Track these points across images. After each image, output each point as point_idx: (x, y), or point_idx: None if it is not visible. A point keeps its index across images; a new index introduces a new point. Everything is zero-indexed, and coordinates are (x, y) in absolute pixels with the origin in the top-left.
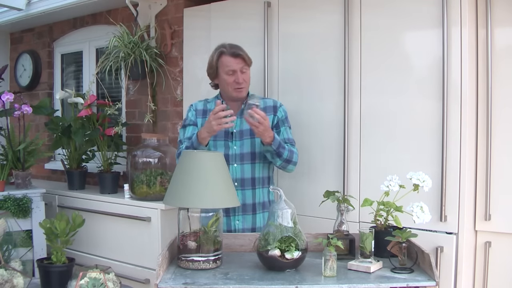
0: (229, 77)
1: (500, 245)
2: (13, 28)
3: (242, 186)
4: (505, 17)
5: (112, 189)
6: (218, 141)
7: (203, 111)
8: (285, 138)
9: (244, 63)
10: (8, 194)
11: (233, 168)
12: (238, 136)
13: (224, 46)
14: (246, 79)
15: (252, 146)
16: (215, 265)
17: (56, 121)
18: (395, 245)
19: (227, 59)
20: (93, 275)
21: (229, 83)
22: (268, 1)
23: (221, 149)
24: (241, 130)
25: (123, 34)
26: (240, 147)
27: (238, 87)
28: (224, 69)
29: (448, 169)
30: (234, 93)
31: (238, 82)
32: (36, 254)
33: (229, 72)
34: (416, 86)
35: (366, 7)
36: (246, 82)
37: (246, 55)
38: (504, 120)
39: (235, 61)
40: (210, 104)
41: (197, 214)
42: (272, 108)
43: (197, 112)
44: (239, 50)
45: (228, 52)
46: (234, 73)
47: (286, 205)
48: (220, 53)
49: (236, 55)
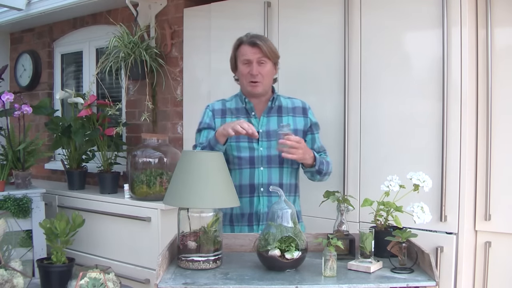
0: (244, 67)
1: (500, 245)
2: (13, 28)
3: (269, 192)
4: (505, 17)
5: (112, 189)
6: (242, 143)
7: (222, 111)
8: (319, 146)
9: (262, 54)
10: (8, 194)
11: (259, 172)
12: (265, 136)
13: (246, 35)
14: (263, 72)
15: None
16: (215, 265)
17: (56, 121)
18: (395, 245)
19: (244, 48)
20: (93, 275)
21: (243, 74)
22: (268, 1)
23: (245, 151)
24: (268, 131)
25: (123, 34)
26: (267, 149)
27: (252, 80)
28: (240, 58)
29: (448, 169)
30: (248, 88)
31: (252, 73)
32: (36, 254)
33: (245, 62)
34: (416, 86)
35: (366, 7)
36: (262, 76)
37: (267, 46)
38: (504, 120)
39: (251, 51)
40: (230, 103)
41: (197, 214)
42: (302, 110)
43: (215, 112)
44: (259, 40)
45: (247, 41)
46: (249, 64)
47: (286, 205)
48: (239, 42)
49: (254, 44)
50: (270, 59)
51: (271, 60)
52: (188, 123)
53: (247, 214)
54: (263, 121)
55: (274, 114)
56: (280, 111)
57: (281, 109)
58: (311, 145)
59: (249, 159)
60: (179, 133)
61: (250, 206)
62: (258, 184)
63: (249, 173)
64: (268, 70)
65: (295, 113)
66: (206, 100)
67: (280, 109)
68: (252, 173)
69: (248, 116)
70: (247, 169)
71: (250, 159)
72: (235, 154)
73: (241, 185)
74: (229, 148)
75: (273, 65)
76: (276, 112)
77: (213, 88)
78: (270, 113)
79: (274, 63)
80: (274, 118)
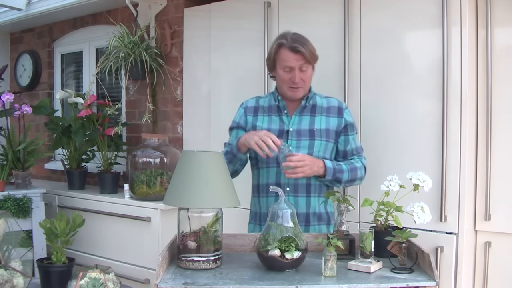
0: (285, 74)
1: (500, 245)
2: (13, 28)
3: (295, 192)
4: (505, 17)
5: (112, 189)
6: None
7: (255, 109)
8: (353, 148)
9: (305, 61)
10: (8, 194)
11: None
12: (295, 135)
13: (286, 37)
14: (305, 78)
15: (310, 148)
16: (215, 265)
17: (56, 121)
18: (395, 245)
19: (285, 53)
20: (93, 275)
21: (284, 80)
22: (268, 1)
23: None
24: (299, 130)
25: (123, 34)
26: (297, 149)
27: (294, 86)
28: (281, 64)
29: (448, 169)
30: (289, 93)
31: (294, 81)
32: (36, 254)
33: (286, 69)
34: (416, 86)
35: (366, 7)
36: (304, 82)
37: (309, 51)
38: (504, 120)
39: (294, 57)
40: (263, 101)
41: (197, 214)
42: (337, 110)
43: (247, 110)
44: (301, 46)
45: (288, 45)
46: (291, 71)
47: (286, 205)
48: (279, 45)
49: (296, 51)
50: (311, 63)
51: (311, 64)
52: (188, 123)
53: None
54: (294, 120)
55: (307, 113)
56: (313, 110)
57: (315, 109)
58: (344, 146)
59: (276, 158)
60: (179, 133)
61: None
62: (284, 183)
63: (276, 172)
64: (309, 75)
65: (329, 113)
66: (206, 100)
67: (314, 109)
68: (279, 172)
69: (279, 114)
70: (275, 167)
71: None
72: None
73: (268, 184)
74: None
75: (312, 67)
76: (309, 112)
77: (213, 88)
78: (303, 112)
79: (313, 65)
80: (306, 117)
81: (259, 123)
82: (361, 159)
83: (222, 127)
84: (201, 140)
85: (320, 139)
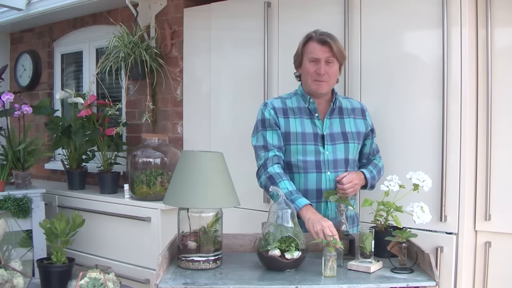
0: (311, 65)
1: (500, 245)
2: (13, 28)
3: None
4: (505, 17)
5: (112, 189)
6: (308, 146)
7: (283, 110)
8: (374, 148)
9: (331, 54)
10: (8, 194)
11: (326, 177)
12: (330, 139)
13: (315, 32)
14: (330, 73)
15: (346, 151)
16: (215, 265)
17: (56, 121)
18: (395, 245)
19: (313, 45)
20: (93, 275)
21: (310, 72)
22: (268, 1)
23: (311, 155)
24: (332, 133)
25: (123, 34)
26: (333, 153)
27: (319, 79)
28: (308, 55)
29: (448, 169)
30: (313, 86)
31: (319, 73)
32: (36, 254)
33: (312, 59)
34: (416, 86)
35: (366, 7)
36: (329, 76)
37: (337, 46)
38: (504, 120)
39: (321, 49)
40: (290, 102)
41: (197, 214)
42: (361, 112)
43: (277, 111)
44: (329, 38)
45: (316, 38)
46: (317, 62)
47: (286, 205)
48: (308, 38)
49: (324, 42)
50: (338, 59)
51: (338, 60)
52: (188, 123)
53: None
54: (326, 123)
55: (336, 116)
56: (341, 112)
57: (342, 111)
58: (369, 148)
59: (315, 163)
60: (179, 133)
61: (318, 211)
62: (325, 189)
63: (316, 177)
64: (335, 71)
65: (355, 114)
66: (206, 100)
67: (341, 111)
68: (319, 178)
69: (311, 117)
70: (314, 173)
71: (317, 163)
72: (300, 158)
73: (308, 190)
74: (294, 150)
75: (339, 66)
76: (338, 114)
77: (213, 88)
78: (332, 115)
79: (340, 64)
80: (336, 120)
81: (292, 127)
82: (381, 158)
83: (222, 127)
84: (201, 140)
85: (354, 141)
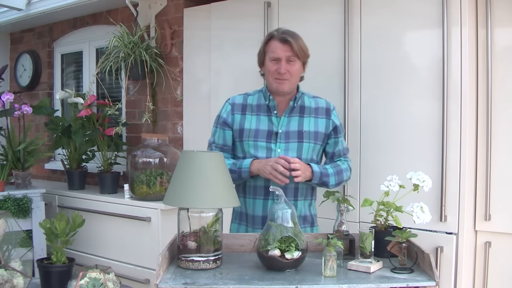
0: (272, 64)
1: (500, 245)
2: (13, 28)
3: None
4: (505, 17)
5: (112, 189)
6: (260, 142)
7: (242, 106)
8: (340, 149)
9: (292, 53)
10: (8, 194)
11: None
12: (284, 137)
13: (277, 30)
14: (291, 71)
15: (299, 150)
16: (215, 265)
17: (56, 121)
18: (395, 245)
19: (274, 44)
20: (93, 275)
21: (271, 71)
22: (268, 1)
23: (262, 151)
24: (287, 131)
25: (123, 34)
26: (285, 151)
27: (280, 77)
28: (269, 54)
29: (448, 169)
30: (274, 84)
31: (280, 72)
32: (36, 254)
33: (273, 58)
34: (416, 86)
35: (366, 7)
36: (290, 74)
37: (298, 45)
38: (504, 120)
39: (281, 48)
40: (252, 98)
41: (197, 214)
42: (325, 111)
43: (235, 107)
44: (290, 37)
45: (278, 36)
46: (278, 61)
47: (286, 205)
48: (270, 36)
49: (285, 41)
50: (300, 58)
51: (300, 59)
52: (188, 123)
53: (260, 216)
54: (283, 121)
55: (296, 114)
56: (302, 111)
57: (303, 109)
58: (333, 148)
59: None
60: (179, 133)
61: (264, 208)
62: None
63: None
64: (297, 69)
65: (318, 114)
66: (206, 100)
67: (303, 109)
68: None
69: (269, 114)
70: None
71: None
72: (251, 153)
73: (256, 186)
74: (246, 145)
75: (301, 64)
76: (298, 112)
77: (213, 88)
78: (292, 113)
79: (303, 62)
80: (295, 118)
81: (247, 124)
82: (347, 161)
83: None
84: (201, 140)
85: (309, 141)
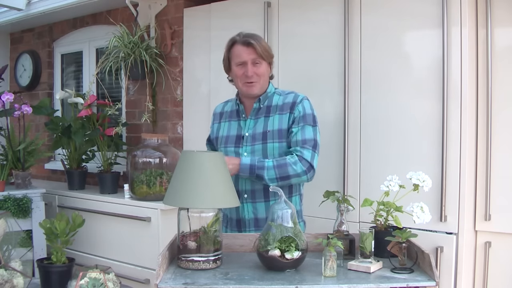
0: (238, 69)
1: (500, 245)
2: (13, 28)
3: (253, 198)
4: (505, 17)
5: (112, 189)
6: (229, 148)
7: (220, 115)
8: (298, 140)
9: (257, 55)
10: (8, 194)
11: (242, 179)
12: (250, 140)
13: (239, 34)
14: (259, 73)
15: (264, 152)
16: (215, 265)
17: (56, 121)
18: (395, 245)
19: (238, 48)
20: (93, 275)
21: (238, 76)
22: (268, 1)
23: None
24: (254, 134)
25: (123, 34)
26: (251, 154)
27: (248, 81)
28: (234, 60)
29: (448, 169)
30: (244, 88)
31: (247, 75)
32: (36, 254)
33: (239, 63)
34: (416, 86)
35: (366, 7)
36: (258, 76)
37: (261, 46)
38: (504, 120)
39: (246, 51)
40: (229, 105)
41: (197, 214)
42: (290, 106)
43: (215, 117)
44: (252, 39)
45: (240, 40)
46: (244, 65)
47: (286, 205)
48: (232, 42)
49: (248, 44)
50: (265, 59)
51: (265, 60)
52: (188, 123)
53: (234, 219)
54: (250, 124)
55: (262, 115)
56: (268, 111)
57: (269, 109)
58: (294, 137)
59: None
60: (179, 133)
61: (236, 212)
62: (242, 190)
63: (234, 179)
64: (263, 70)
65: (283, 110)
66: (206, 100)
67: (269, 109)
68: (236, 179)
69: (238, 118)
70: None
71: None
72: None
73: None
74: None
75: (267, 64)
76: (264, 113)
77: (213, 88)
78: (257, 115)
79: (269, 62)
80: (261, 120)
81: (221, 132)
82: (302, 153)
83: None
84: (201, 140)
85: (273, 141)
